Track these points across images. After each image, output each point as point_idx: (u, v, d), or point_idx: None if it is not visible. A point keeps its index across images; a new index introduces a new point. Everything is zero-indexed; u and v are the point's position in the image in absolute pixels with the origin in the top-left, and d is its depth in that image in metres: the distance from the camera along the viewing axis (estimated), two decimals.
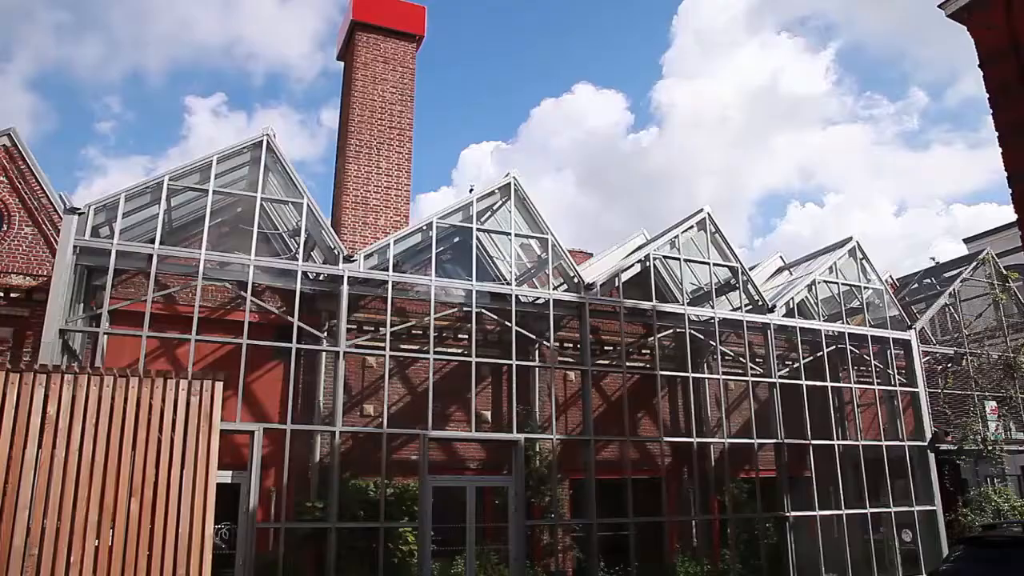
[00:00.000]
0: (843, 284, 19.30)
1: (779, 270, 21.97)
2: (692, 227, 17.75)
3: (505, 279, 16.20)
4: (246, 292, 13.35)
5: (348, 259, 14.18)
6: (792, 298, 18.38)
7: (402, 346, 15.43)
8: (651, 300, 16.59)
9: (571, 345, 17.12)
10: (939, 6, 10.37)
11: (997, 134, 10.31)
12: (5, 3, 66.07)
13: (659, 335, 16.87)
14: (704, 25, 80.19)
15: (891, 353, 19.63)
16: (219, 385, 9.31)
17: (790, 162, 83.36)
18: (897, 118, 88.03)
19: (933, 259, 24.77)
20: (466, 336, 15.62)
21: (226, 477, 12.73)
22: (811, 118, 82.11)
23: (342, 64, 18.83)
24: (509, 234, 15.71)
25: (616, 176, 78.18)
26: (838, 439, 18.04)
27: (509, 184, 15.88)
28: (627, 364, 16.30)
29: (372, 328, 15.21)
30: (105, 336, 12.83)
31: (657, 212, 78.81)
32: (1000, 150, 10.28)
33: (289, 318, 13.65)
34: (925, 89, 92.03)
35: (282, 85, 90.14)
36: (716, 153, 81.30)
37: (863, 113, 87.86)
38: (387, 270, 14.46)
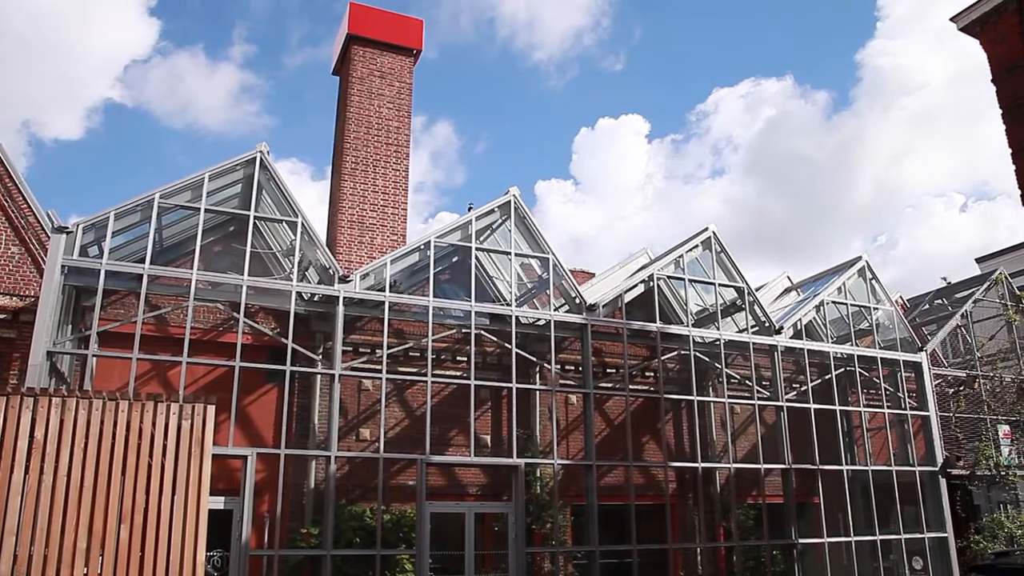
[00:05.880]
0: (852, 305, 19.00)
1: (786, 290, 21.66)
2: (697, 246, 17.47)
3: (505, 300, 15.92)
4: (239, 313, 13.11)
5: (344, 279, 13.94)
6: (800, 319, 18.09)
7: (399, 368, 15.23)
8: (655, 321, 16.30)
9: (573, 367, 16.90)
10: (951, 19, 10.11)
11: (1010, 151, 10.03)
12: None
13: (663, 357, 16.58)
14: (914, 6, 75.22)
15: (901, 376, 19.36)
16: (211, 408, 9.28)
17: (978, 157, 77.13)
18: None
19: (945, 279, 24.39)
20: (465, 358, 15.42)
21: (219, 503, 12.66)
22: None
23: (338, 78, 18.62)
24: (509, 253, 15.44)
25: (787, 163, 73.33)
26: (847, 464, 17.79)
27: (509, 202, 15.63)
28: (630, 387, 16.05)
29: (368, 350, 15.01)
30: (94, 358, 12.65)
31: (824, 201, 74.44)
32: (1013, 167, 10.00)
33: (283, 340, 13.42)
34: None
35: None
36: (905, 141, 76.60)
37: None
38: (384, 290, 14.19)
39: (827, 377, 18.06)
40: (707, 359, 17.24)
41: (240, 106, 74.36)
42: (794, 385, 18.41)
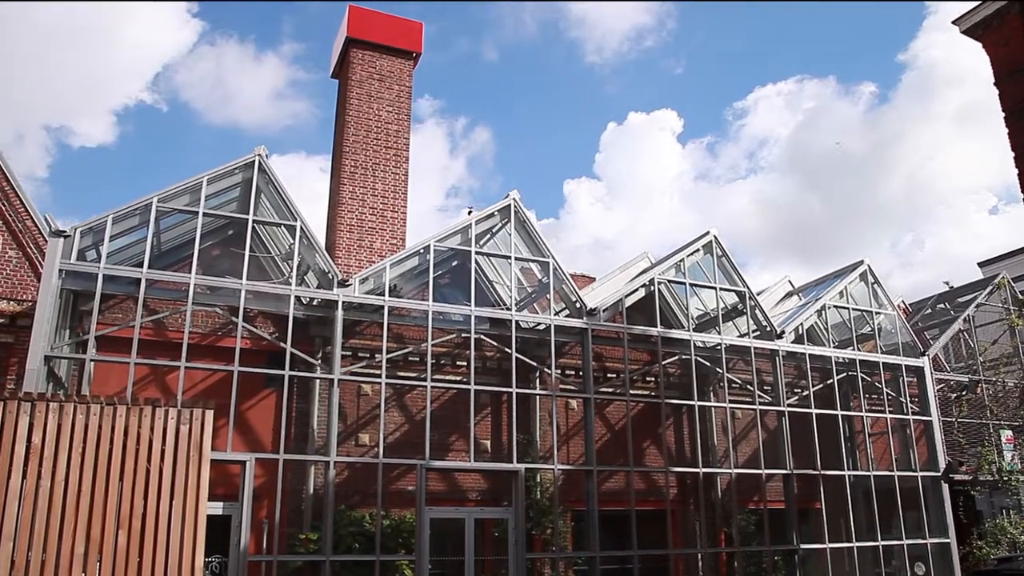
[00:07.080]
0: (854, 309, 18.93)
1: (788, 294, 21.57)
2: (698, 250, 17.41)
3: (505, 304, 15.85)
4: (237, 318, 13.04)
5: (343, 283, 13.88)
6: (801, 324, 18.02)
7: (399, 373, 15.16)
8: (656, 326, 16.22)
9: (573, 372, 16.82)
10: (953, 22, 10.06)
11: (1013, 155, 9.98)
12: None
13: (664, 362, 16.50)
14: None
15: (903, 380, 19.26)
16: (210, 413, 9.25)
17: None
18: None
19: (947, 283, 24.32)
20: (465, 363, 15.34)
21: (217, 508, 12.61)
22: None
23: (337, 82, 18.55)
24: (509, 258, 15.37)
25: (824, 161, 70.93)
26: (849, 469, 17.72)
27: (509, 206, 15.56)
28: (631, 392, 15.96)
29: (368, 355, 14.92)
30: (92, 363, 12.57)
31: (859, 199, 72.75)
32: (1016, 171, 9.95)
33: (282, 344, 13.34)
34: None
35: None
36: (945, 137, 73.52)
37: None
38: (383, 295, 14.13)
39: (829, 382, 17.99)
40: (708, 364, 17.16)
41: (285, 103, 73.95)
42: (796, 390, 18.31)
